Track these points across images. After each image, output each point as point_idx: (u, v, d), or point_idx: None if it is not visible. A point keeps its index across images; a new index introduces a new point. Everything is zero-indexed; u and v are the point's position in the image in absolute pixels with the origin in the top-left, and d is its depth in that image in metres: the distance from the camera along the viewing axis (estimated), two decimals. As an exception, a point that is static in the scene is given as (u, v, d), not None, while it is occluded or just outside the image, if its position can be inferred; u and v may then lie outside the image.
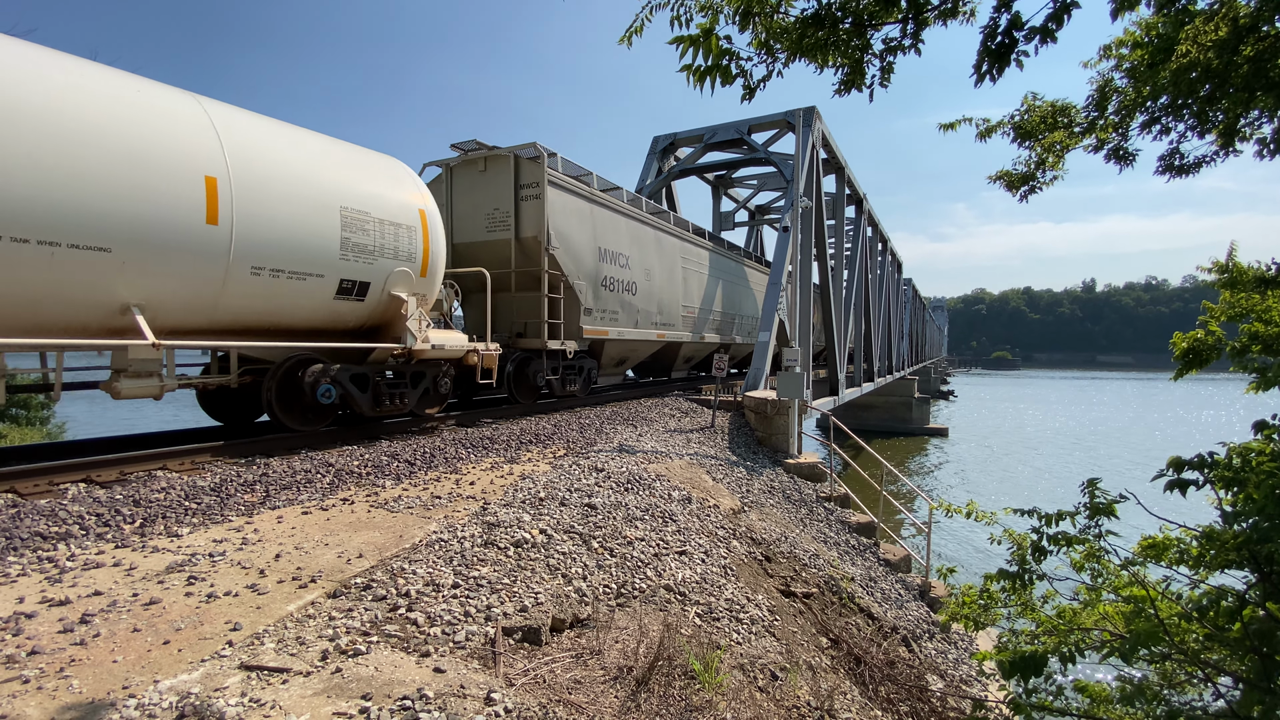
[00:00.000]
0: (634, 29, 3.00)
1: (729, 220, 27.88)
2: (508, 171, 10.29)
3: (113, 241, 5.22)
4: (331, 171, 7.10)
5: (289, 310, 6.80)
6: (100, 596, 3.16)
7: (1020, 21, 2.79)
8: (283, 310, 6.74)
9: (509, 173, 10.29)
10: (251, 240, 6.16)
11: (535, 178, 10.19)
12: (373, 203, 7.43)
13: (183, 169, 5.65)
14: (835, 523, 9.53)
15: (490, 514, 4.83)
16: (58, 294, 5.08)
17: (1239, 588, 3.72)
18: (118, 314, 5.48)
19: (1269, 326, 4.66)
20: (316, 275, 6.84)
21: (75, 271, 5.09)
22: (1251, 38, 3.91)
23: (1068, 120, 5.52)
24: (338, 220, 6.99)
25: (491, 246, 10.48)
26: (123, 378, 5.60)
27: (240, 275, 6.15)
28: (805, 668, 4.35)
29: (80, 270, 5.11)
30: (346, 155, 7.55)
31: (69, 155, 4.93)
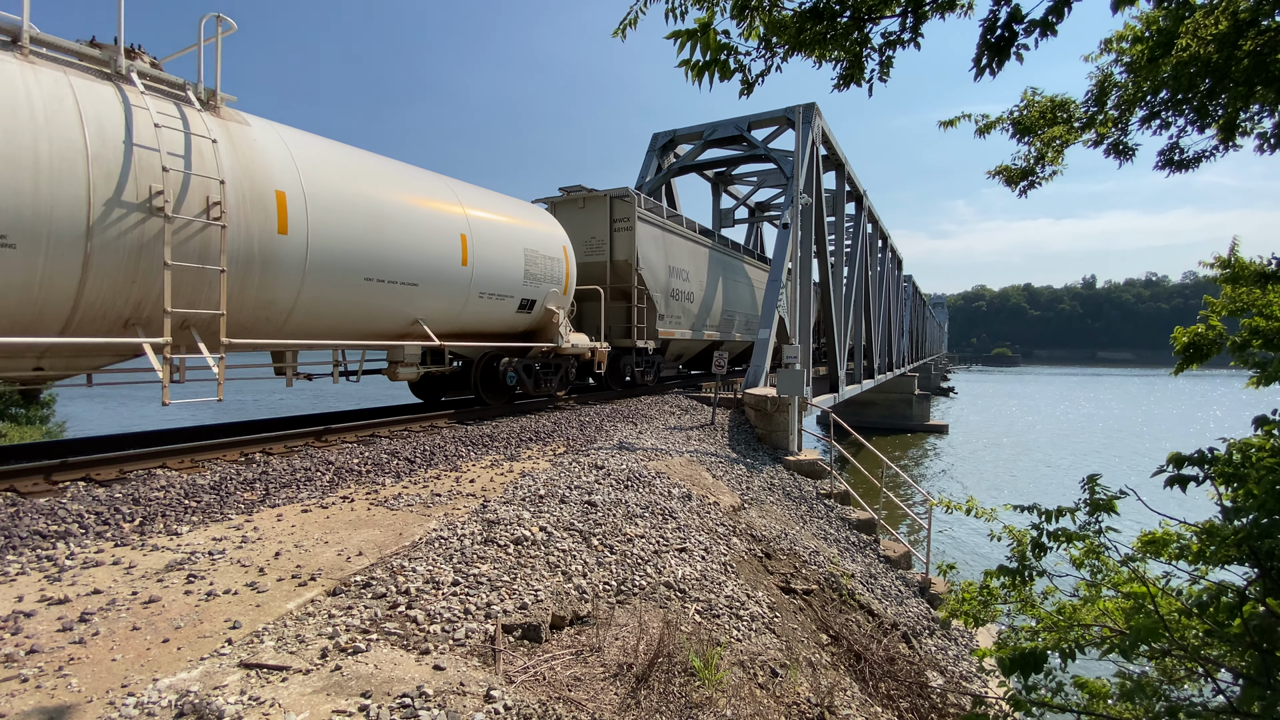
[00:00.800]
0: (628, 21, 2.98)
1: (729, 217, 27.83)
2: (604, 209, 13.21)
3: (420, 279, 8.18)
4: (517, 223, 10.23)
5: (491, 320, 9.79)
6: (99, 595, 3.15)
7: (1020, 15, 2.77)
8: (488, 321, 9.73)
9: (605, 210, 13.21)
10: (482, 275, 9.19)
11: (626, 214, 13.18)
12: (539, 243, 10.53)
13: (451, 231, 8.69)
14: (835, 519, 9.53)
15: (490, 511, 4.83)
16: (387, 312, 7.95)
17: (1239, 583, 3.71)
18: (410, 324, 8.37)
19: (1270, 321, 4.65)
20: (510, 297, 9.86)
21: (398, 297, 8.00)
22: (1252, 32, 3.89)
23: (1067, 115, 5.50)
24: (522, 258, 10.04)
25: (589, 267, 13.14)
26: (400, 367, 8.38)
27: (474, 298, 9.17)
28: (805, 664, 4.35)
29: (400, 297, 8.02)
30: (519, 208, 10.79)
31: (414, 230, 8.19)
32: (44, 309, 5.00)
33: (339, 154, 7.55)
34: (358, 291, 7.34)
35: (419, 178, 8.72)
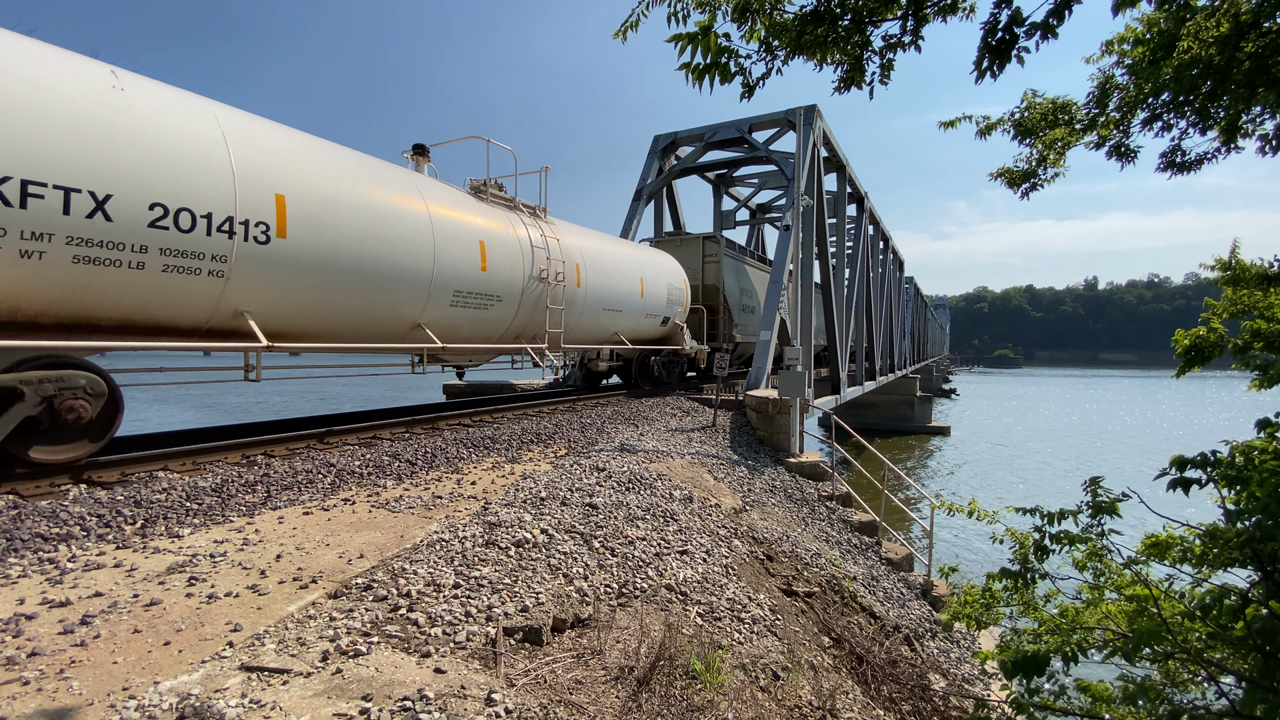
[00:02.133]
0: (630, 23, 2.99)
1: (730, 219, 27.82)
2: (697, 247, 17.50)
3: (622, 308, 12.83)
4: (662, 263, 14.84)
5: (648, 332, 14.18)
6: (101, 597, 3.16)
7: (1021, 17, 2.77)
8: (646, 332, 14.09)
9: (698, 248, 17.48)
10: (649, 304, 13.62)
11: (714, 251, 17.49)
12: (673, 277, 14.96)
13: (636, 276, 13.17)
14: (837, 522, 9.52)
15: (491, 514, 4.83)
16: (609, 328, 12.72)
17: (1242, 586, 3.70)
18: (612, 335, 12.89)
19: (1271, 324, 4.64)
20: (658, 316, 14.19)
21: (614, 319, 12.70)
22: (1253, 34, 3.89)
23: (1069, 117, 5.50)
24: (666, 290, 14.36)
25: None
26: (600, 361, 14.56)
27: (642, 318, 13.59)
28: (807, 667, 4.34)
29: (615, 318, 12.71)
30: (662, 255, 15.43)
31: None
32: (503, 331, 9.77)
33: (597, 238, 12.68)
34: (601, 316, 12.19)
35: (627, 245, 14.49)
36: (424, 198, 8.13)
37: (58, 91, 4.68)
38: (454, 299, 8.44)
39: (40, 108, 4.54)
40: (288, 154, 6.45)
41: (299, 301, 6.50)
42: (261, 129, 6.36)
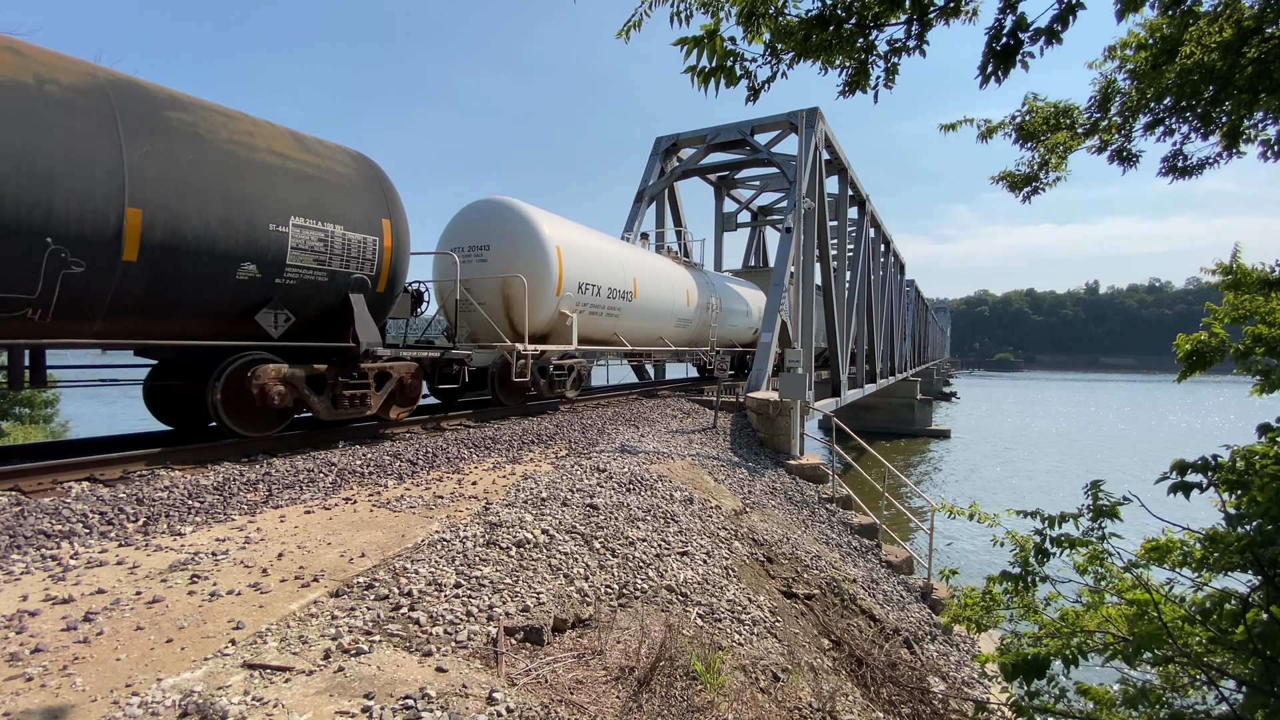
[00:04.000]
0: (632, 23, 3.00)
1: (731, 221, 27.87)
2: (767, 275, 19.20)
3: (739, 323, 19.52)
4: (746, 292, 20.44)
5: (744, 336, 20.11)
6: (104, 595, 3.16)
7: (1025, 23, 2.78)
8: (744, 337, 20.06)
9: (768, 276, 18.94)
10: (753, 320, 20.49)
11: None
12: (752, 301, 20.49)
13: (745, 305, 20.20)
14: (837, 524, 9.52)
15: (492, 514, 4.84)
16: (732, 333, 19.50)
17: (1242, 590, 3.71)
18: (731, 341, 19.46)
19: (1272, 329, 4.65)
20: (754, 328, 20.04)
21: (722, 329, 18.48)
22: (1256, 39, 3.90)
23: (1070, 121, 5.51)
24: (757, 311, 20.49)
25: None
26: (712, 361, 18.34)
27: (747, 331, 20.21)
28: (807, 669, 4.34)
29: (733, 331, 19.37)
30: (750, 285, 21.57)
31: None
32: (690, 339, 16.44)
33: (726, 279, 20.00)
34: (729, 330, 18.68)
35: (732, 280, 20.65)
36: (669, 266, 15.73)
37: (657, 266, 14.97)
38: (677, 323, 15.43)
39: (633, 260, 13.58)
40: (633, 257, 13.78)
41: (640, 327, 13.73)
42: (629, 251, 14.15)
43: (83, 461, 5.47)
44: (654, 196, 20.84)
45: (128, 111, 5.36)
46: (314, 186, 6.74)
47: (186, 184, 5.60)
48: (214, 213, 5.78)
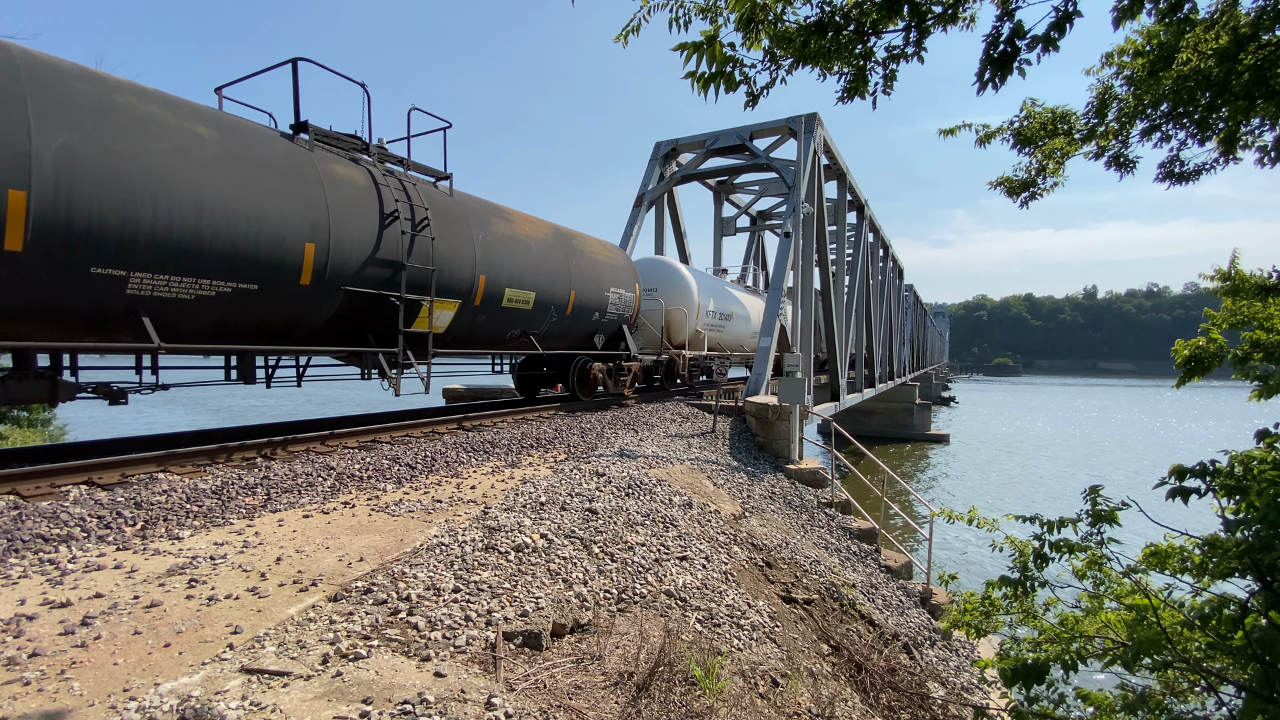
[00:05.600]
0: (631, 27, 3.02)
1: (730, 226, 27.90)
2: None
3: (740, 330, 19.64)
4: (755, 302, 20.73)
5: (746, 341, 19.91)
6: (101, 599, 3.16)
7: (1023, 30, 2.80)
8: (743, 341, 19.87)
9: None
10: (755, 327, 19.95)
11: None
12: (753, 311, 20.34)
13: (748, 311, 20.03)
14: (836, 529, 9.51)
15: (491, 518, 4.83)
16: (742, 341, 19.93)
17: (1241, 596, 3.71)
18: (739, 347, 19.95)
19: (1270, 334, 4.66)
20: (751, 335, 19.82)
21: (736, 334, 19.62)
22: (1252, 46, 3.93)
23: (1068, 127, 5.54)
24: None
25: None
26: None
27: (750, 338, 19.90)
28: (806, 674, 4.33)
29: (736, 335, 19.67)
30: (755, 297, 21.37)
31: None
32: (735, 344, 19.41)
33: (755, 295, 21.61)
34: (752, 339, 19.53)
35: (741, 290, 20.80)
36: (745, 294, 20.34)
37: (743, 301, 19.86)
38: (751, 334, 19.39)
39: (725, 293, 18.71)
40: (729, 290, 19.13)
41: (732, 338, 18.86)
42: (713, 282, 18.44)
43: (81, 465, 5.46)
44: (653, 201, 20.87)
45: (570, 244, 11.49)
46: (611, 270, 12.57)
47: (586, 276, 11.56)
48: (588, 289, 11.62)
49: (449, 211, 8.59)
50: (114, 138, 5.15)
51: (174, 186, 5.46)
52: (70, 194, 4.84)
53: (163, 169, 5.41)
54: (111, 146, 5.11)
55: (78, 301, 5.11)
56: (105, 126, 5.11)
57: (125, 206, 5.14)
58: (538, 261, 10.14)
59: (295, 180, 6.47)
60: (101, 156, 5.03)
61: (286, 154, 6.56)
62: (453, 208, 8.73)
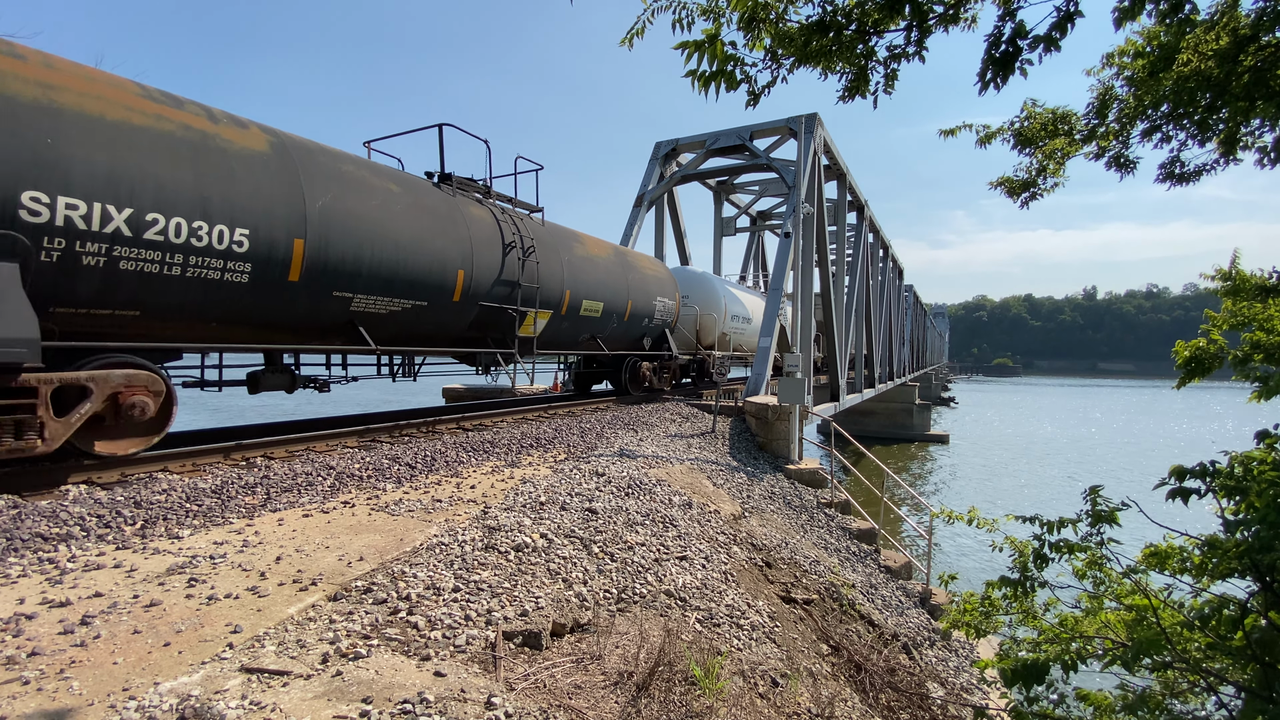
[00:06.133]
0: (635, 30, 3.02)
1: (730, 226, 27.90)
2: None
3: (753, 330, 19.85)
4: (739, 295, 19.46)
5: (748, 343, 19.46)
6: (101, 598, 3.15)
7: (1024, 30, 2.80)
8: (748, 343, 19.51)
9: None
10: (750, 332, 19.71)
11: None
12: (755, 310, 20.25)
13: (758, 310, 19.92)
14: (836, 529, 9.51)
15: (491, 518, 4.83)
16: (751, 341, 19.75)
17: (1241, 596, 3.71)
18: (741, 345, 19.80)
19: (1270, 335, 4.66)
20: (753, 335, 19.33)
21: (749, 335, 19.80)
22: (1252, 47, 3.93)
23: (1068, 128, 5.54)
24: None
25: None
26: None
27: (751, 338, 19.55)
28: (806, 674, 4.33)
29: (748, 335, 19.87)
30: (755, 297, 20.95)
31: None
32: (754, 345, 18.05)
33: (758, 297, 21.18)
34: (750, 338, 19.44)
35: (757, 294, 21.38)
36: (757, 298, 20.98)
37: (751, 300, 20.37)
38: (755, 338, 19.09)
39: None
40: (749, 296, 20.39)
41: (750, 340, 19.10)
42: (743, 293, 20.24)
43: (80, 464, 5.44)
44: (653, 201, 20.88)
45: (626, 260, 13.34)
46: (657, 282, 14.29)
47: (639, 287, 13.28)
48: (641, 298, 13.28)
49: (544, 239, 10.53)
50: (347, 198, 6.94)
51: (381, 231, 7.29)
52: (326, 240, 6.60)
53: (375, 219, 7.25)
54: (347, 205, 6.92)
55: (321, 316, 6.96)
56: (342, 190, 6.90)
57: (355, 247, 6.95)
58: (604, 276, 12.11)
59: (449, 221, 8.48)
60: (342, 213, 6.83)
61: (443, 201, 8.62)
62: (546, 235, 10.69)
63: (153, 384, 5.62)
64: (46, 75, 4.88)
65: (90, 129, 4.95)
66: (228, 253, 5.74)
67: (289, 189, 6.26)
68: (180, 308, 5.71)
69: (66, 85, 4.95)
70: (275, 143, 6.47)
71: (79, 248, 4.86)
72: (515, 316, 9.66)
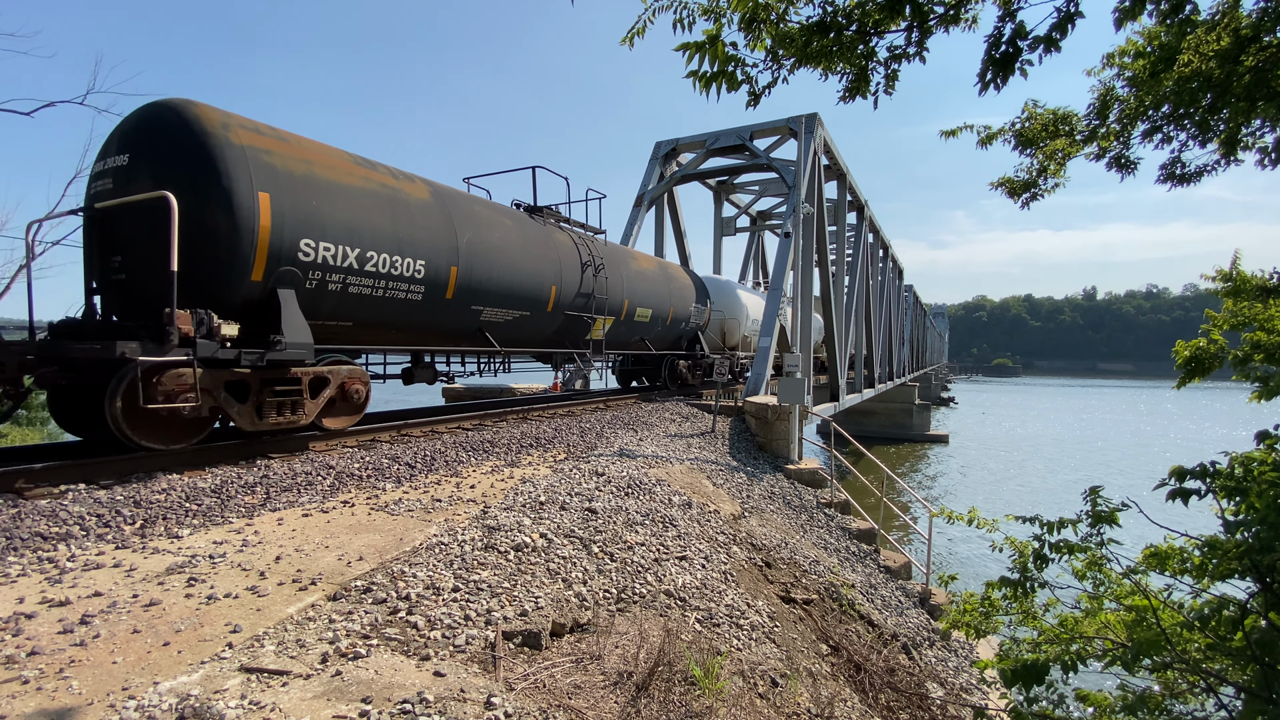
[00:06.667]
0: (636, 30, 3.01)
1: (730, 226, 27.89)
2: None
3: None
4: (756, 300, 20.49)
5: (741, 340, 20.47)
6: (100, 597, 3.15)
7: (1025, 31, 2.80)
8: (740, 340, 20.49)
9: None
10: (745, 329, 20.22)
11: None
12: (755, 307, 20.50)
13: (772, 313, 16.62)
14: (835, 529, 9.51)
15: (490, 517, 4.83)
16: None
17: (1241, 597, 3.71)
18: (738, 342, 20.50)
19: (1271, 336, 4.66)
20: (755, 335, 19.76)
21: None
22: (1253, 48, 3.93)
23: (1069, 128, 5.54)
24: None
25: None
26: None
27: None
28: (805, 674, 4.33)
29: None
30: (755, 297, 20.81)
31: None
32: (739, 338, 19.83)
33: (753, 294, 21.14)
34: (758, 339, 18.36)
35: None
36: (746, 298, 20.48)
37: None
38: None
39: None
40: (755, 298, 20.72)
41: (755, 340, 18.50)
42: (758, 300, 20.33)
43: (80, 463, 5.44)
44: (653, 201, 20.88)
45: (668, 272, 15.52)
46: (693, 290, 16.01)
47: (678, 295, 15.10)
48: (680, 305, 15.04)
49: (607, 256, 12.42)
50: (481, 233, 8.94)
51: (503, 258, 9.28)
52: (470, 267, 8.62)
53: (499, 248, 9.24)
54: (481, 238, 8.91)
55: (461, 325, 8.99)
56: (477, 227, 8.90)
57: (486, 271, 8.95)
58: (652, 287, 14.18)
59: (544, 246, 10.46)
60: (479, 245, 8.83)
61: (539, 229, 10.63)
62: (609, 254, 12.60)
63: (363, 376, 7.51)
64: (304, 153, 6.73)
65: (334, 192, 6.83)
66: (410, 279, 7.71)
67: (446, 228, 8.26)
68: (377, 320, 7.63)
69: (316, 160, 6.85)
70: (434, 191, 8.48)
71: (327, 278, 6.75)
72: (589, 323, 11.82)
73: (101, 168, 6.20)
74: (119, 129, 6.25)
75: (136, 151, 6.01)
